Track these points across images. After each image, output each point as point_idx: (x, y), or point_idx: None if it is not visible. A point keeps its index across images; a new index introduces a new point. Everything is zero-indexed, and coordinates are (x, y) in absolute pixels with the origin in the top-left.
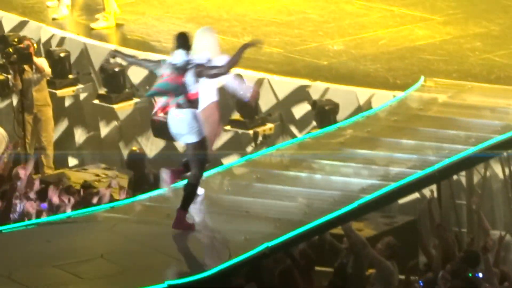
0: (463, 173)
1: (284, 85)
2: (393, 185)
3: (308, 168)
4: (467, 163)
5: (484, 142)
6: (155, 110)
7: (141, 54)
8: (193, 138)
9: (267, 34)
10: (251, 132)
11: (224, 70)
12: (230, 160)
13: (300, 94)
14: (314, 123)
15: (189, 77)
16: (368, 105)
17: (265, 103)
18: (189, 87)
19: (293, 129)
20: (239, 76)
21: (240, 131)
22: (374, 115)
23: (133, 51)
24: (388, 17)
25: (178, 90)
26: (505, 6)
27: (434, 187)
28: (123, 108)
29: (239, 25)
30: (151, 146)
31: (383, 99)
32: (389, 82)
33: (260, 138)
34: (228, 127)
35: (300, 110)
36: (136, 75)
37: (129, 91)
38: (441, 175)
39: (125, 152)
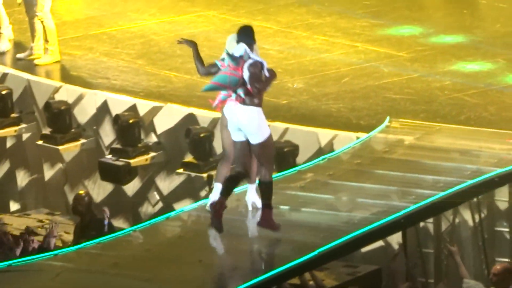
0: (431, 220)
1: None
2: (356, 232)
3: None
4: (435, 209)
5: (453, 187)
6: (215, 103)
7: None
8: (261, 138)
9: None
10: (205, 175)
11: (264, 87)
12: (182, 205)
13: None
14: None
15: (245, 71)
16: (329, 147)
17: (220, 145)
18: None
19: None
20: None
21: (193, 174)
22: (336, 158)
23: (79, 88)
24: (352, 54)
25: (238, 83)
26: (475, 43)
27: (399, 234)
28: (69, 150)
29: (193, 61)
30: (98, 190)
31: (345, 141)
32: (352, 122)
33: None
34: (180, 170)
35: None
36: (82, 114)
37: (75, 131)
38: (407, 222)
39: (70, 197)
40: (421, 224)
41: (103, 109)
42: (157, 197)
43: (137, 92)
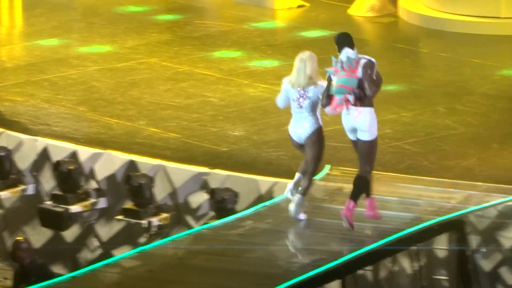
0: (370, 267)
1: (181, 172)
2: (294, 280)
3: (206, 261)
4: (374, 257)
5: (392, 235)
6: (332, 108)
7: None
8: (371, 136)
9: (164, 119)
10: (144, 222)
11: (378, 86)
12: (121, 252)
13: (197, 182)
14: (212, 213)
15: (360, 72)
16: (269, 195)
17: (160, 191)
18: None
19: (189, 220)
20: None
21: (133, 220)
22: (276, 205)
23: (20, 134)
24: None
25: (357, 84)
26: (416, 92)
27: (338, 282)
28: (8, 196)
29: (134, 108)
30: (38, 236)
31: (285, 188)
32: (292, 170)
33: (154, 229)
34: (120, 217)
35: (197, 199)
36: (22, 160)
37: (15, 177)
38: (346, 270)
39: (9, 243)
40: (360, 271)
41: (44, 155)
42: (97, 243)
43: (78, 139)
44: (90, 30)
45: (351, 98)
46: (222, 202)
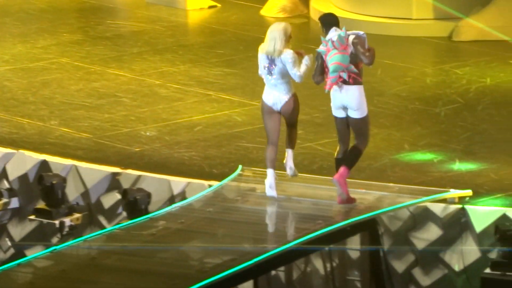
0: (282, 268)
1: (93, 172)
2: (207, 280)
3: (118, 261)
4: (287, 258)
5: (305, 236)
6: (328, 86)
7: None
8: (362, 113)
9: (76, 119)
10: (57, 222)
11: (373, 57)
12: (33, 252)
13: (109, 183)
14: (124, 213)
15: (351, 45)
16: (182, 195)
17: (73, 191)
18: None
19: (102, 220)
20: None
21: (45, 221)
22: (188, 206)
23: None
24: (205, 102)
25: (349, 60)
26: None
27: (250, 283)
28: None
29: (46, 108)
30: None
31: (198, 189)
32: (204, 170)
33: (66, 229)
34: (32, 217)
35: (110, 199)
36: None
37: None
38: (259, 270)
39: None
40: (273, 272)
41: None
42: (9, 243)
43: None
44: (1, 29)
45: (345, 75)
46: (135, 202)
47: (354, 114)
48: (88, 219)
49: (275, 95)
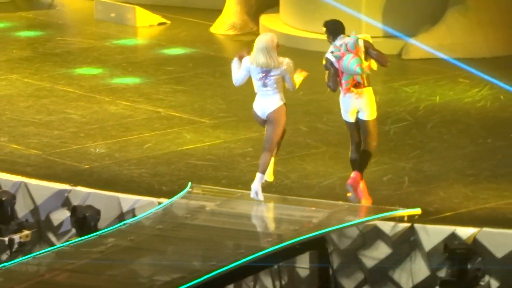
0: (231, 286)
1: (42, 189)
2: None
3: (68, 278)
4: (236, 275)
5: (255, 254)
6: (345, 91)
7: None
8: (373, 115)
9: (25, 135)
10: (6, 239)
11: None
12: None
13: (59, 200)
14: (73, 230)
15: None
16: (131, 212)
17: (22, 208)
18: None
19: (51, 237)
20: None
21: None
22: (138, 223)
23: None
24: (155, 119)
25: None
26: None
27: None
28: None
29: None
30: None
31: (147, 206)
32: (154, 188)
33: (16, 246)
34: None
35: (59, 216)
36: None
37: None
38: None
39: None
40: None
41: None
42: None
43: None
44: None
45: (359, 78)
46: (84, 219)
47: (366, 116)
48: (37, 236)
49: (264, 104)
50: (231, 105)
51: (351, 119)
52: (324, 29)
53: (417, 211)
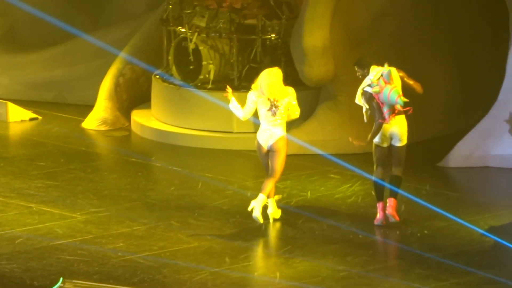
0: None
1: None
2: None
3: None
4: None
5: None
6: (387, 120)
7: None
8: (406, 140)
9: None
10: None
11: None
12: None
13: None
14: None
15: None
16: None
17: None
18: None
19: None
20: None
21: None
22: None
23: None
24: (26, 214)
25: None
26: (150, 205)
27: None
28: None
29: None
30: None
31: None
32: (26, 283)
33: None
34: None
35: None
36: None
37: None
38: None
39: None
40: None
41: None
42: None
43: None
44: None
45: (399, 107)
46: None
47: (399, 142)
48: None
49: (268, 134)
50: (103, 200)
51: (383, 144)
52: (356, 67)
53: None
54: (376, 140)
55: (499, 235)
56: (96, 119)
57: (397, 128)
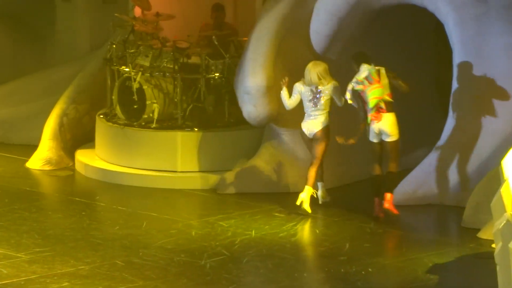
0: None
1: None
2: None
3: None
4: None
5: None
6: (374, 118)
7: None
8: (396, 136)
9: None
10: None
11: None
12: None
13: None
14: None
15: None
16: None
17: None
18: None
19: None
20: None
21: None
22: None
23: None
24: None
25: (384, 92)
26: (94, 245)
27: None
28: None
29: None
30: None
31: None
32: None
33: None
34: None
35: None
36: None
37: None
38: None
39: None
40: None
41: None
42: None
43: None
44: None
45: (382, 105)
46: None
47: (389, 138)
48: None
49: (311, 124)
50: (48, 240)
51: (375, 140)
52: (353, 61)
53: None
54: (370, 137)
55: (443, 272)
56: (41, 159)
57: (384, 125)
